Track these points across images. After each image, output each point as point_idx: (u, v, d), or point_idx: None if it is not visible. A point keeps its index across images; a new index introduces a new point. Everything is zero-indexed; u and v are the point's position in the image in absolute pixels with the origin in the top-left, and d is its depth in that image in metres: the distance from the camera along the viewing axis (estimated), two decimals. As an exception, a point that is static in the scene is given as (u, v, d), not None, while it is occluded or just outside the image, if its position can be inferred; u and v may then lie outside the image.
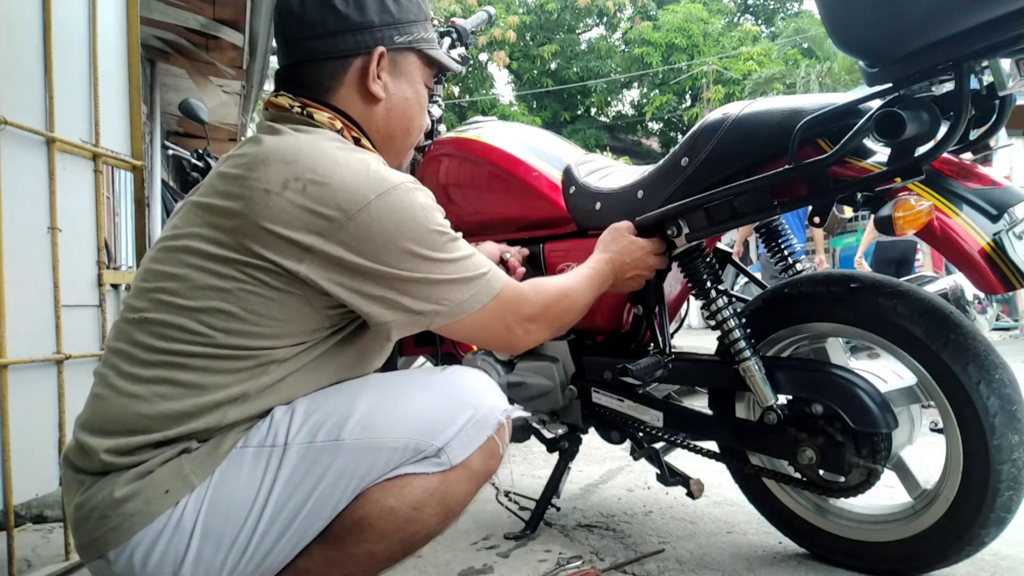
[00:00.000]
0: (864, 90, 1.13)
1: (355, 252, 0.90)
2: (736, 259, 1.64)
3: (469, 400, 0.97)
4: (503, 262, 1.45)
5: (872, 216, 1.14)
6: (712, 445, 1.47)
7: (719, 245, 1.55)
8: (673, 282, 1.56)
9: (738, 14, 21.42)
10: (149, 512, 0.85)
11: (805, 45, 16.54)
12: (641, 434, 1.53)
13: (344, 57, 1.03)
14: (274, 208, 0.89)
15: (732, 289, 2.91)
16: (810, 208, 1.20)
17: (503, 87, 22.09)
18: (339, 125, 1.03)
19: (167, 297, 0.91)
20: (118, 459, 0.88)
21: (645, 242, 1.35)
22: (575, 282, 1.19)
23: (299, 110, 1.02)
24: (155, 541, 0.85)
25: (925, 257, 5.61)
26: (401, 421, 0.93)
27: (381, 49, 1.04)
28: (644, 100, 19.98)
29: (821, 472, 1.26)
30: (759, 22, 21.34)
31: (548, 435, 1.75)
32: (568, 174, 1.61)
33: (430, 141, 1.89)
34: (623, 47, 19.97)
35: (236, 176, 0.93)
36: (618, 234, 1.35)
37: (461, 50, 2.06)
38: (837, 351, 1.34)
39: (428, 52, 1.11)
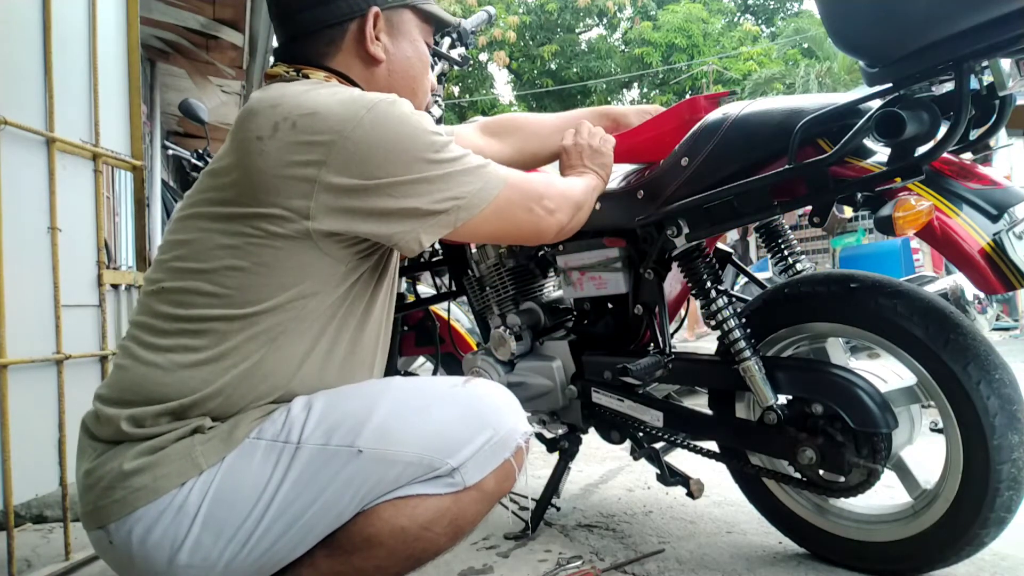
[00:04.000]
0: (864, 90, 1.13)
1: (358, 173, 0.89)
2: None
3: (489, 419, 0.93)
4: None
5: (872, 216, 1.14)
6: (712, 445, 1.47)
7: (719, 245, 1.55)
8: (673, 282, 1.56)
9: (738, 14, 21.41)
10: (155, 489, 0.85)
11: (805, 45, 16.53)
12: (641, 434, 1.53)
13: (339, 23, 1.03)
14: (269, 152, 0.89)
15: (732, 289, 2.90)
16: (810, 208, 1.20)
17: (503, 87, 22.10)
18: (335, 82, 1.02)
19: (181, 264, 0.92)
20: (134, 429, 0.88)
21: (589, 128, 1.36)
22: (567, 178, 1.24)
23: (294, 73, 1.02)
24: (156, 520, 0.85)
25: (925, 257, 5.61)
26: (417, 435, 0.90)
27: (376, 9, 1.03)
28: (644, 100, 19.96)
29: (821, 472, 1.26)
30: (759, 22, 21.32)
31: (548, 435, 1.76)
32: (568, 174, 1.61)
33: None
34: (623, 47, 19.95)
35: (230, 136, 0.94)
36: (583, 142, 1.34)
37: (461, 50, 2.05)
38: (837, 351, 1.34)
39: (423, 7, 1.10)
